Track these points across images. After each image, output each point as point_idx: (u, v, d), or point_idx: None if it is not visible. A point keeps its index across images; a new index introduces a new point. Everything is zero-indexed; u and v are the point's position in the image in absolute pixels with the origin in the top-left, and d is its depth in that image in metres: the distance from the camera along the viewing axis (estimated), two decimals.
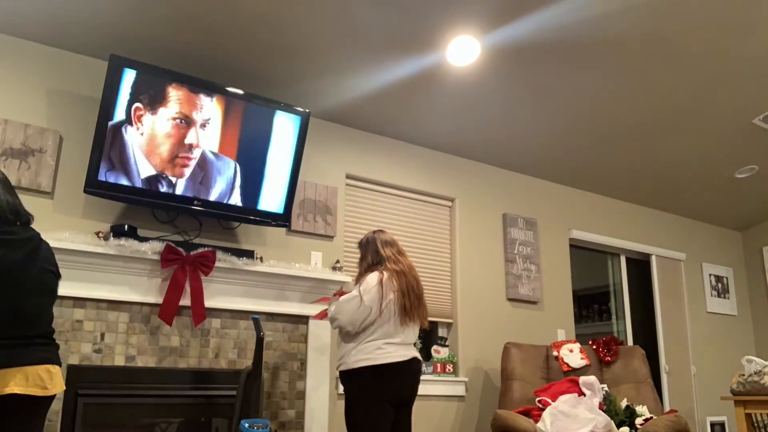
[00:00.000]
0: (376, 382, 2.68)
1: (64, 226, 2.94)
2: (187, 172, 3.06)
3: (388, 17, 3.06)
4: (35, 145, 2.95)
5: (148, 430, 2.98)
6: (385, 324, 2.74)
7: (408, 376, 2.77)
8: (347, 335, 2.77)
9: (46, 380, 1.98)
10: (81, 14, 2.91)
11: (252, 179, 3.25)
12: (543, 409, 3.52)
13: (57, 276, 2.18)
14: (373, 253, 2.91)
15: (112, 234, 2.95)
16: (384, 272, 2.81)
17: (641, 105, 3.99)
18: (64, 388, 2.10)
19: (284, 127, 3.34)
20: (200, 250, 3.08)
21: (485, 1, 2.99)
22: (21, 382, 1.92)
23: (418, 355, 2.84)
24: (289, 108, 3.36)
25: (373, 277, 2.79)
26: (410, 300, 2.80)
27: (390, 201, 4.14)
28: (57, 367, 2.06)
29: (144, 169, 2.95)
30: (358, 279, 2.91)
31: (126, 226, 2.99)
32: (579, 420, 3.35)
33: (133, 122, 2.92)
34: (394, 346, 2.73)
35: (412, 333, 2.84)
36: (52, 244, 2.74)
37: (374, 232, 3.01)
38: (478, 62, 3.43)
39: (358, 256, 3.01)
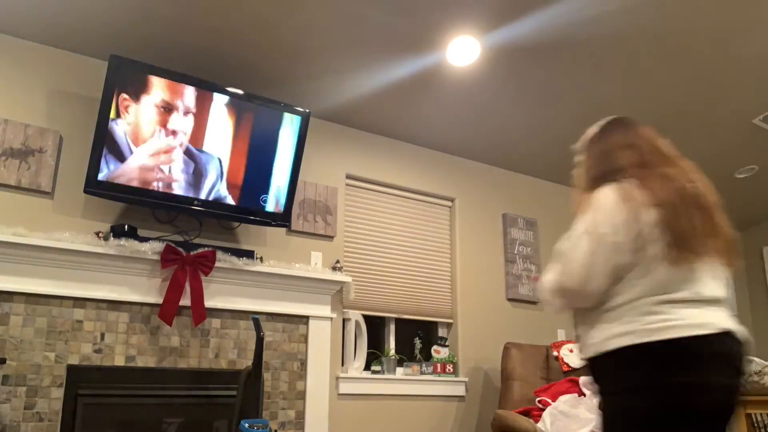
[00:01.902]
0: (657, 372, 1.42)
1: (64, 226, 2.93)
2: (186, 169, 3.06)
3: (388, 17, 3.05)
4: (35, 145, 2.94)
5: (148, 430, 2.98)
6: (653, 269, 1.50)
7: (724, 363, 1.44)
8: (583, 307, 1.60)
9: None
10: (81, 14, 2.91)
11: (252, 179, 3.25)
12: (543, 409, 3.52)
13: None
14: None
15: (112, 234, 2.95)
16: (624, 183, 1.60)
17: (641, 105, 3.99)
18: None
19: (284, 127, 3.34)
20: (200, 250, 3.08)
21: (485, 1, 2.99)
22: None
23: (735, 324, 1.52)
24: (289, 108, 3.36)
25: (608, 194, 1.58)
26: (693, 219, 1.54)
27: (390, 201, 4.14)
28: None
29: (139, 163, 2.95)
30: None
31: (126, 226, 2.99)
32: (579, 420, 3.35)
33: (133, 121, 2.92)
34: (682, 307, 1.47)
35: (717, 280, 1.56)
36: (52, 244, 2.76)
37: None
38: (478, 62, 3.43)
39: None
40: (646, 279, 1.47)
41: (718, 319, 1.46)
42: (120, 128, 2.89)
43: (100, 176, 2.85)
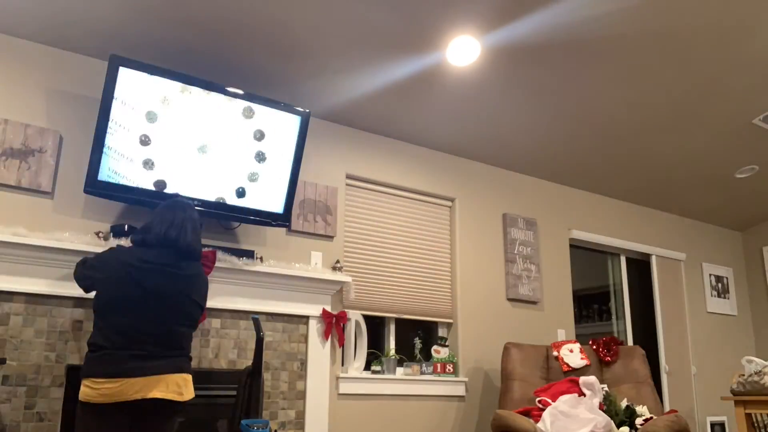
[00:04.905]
0: None
1: (64, 226, 2.94)
2: (185, 169, 3.06)
3: (388, 17, 3.06)
4: (35, 145, 2.95)
5: None
6: None
7: None
8: None
9: (182, 387, 2.35)
10: (81, 14, 2.91)
11: (252, 180, 3.25)
12: (543, 409, 3.52)
13: (201, 308, 2.53)
14: None
15: (112, 234, 2.95)
16: None
17: (641, 105, 3.99)
18: (194, 395, 2.41)
19: (284, 127, 3.34)
20: None
21: (485, 1, 2.99)
22: (162, 388, 2.28)
23: None
24: (289, 108, 3.36)
25: None
26: None
27: (390, 201, 4.14)
28: (190, 375, 2.42)
29: (140, 166, 2.95)
30: None
31: (126, 226, 2.99)
32: (579, 420, 3.35)
33: (132, 122, 2.92)
34: None
35: None
36: (52, 244, 2.77)
37: None
38: (478, 62, 3.43)
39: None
40: None
41: None
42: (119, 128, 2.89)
43: (100, 176, 2.85)
